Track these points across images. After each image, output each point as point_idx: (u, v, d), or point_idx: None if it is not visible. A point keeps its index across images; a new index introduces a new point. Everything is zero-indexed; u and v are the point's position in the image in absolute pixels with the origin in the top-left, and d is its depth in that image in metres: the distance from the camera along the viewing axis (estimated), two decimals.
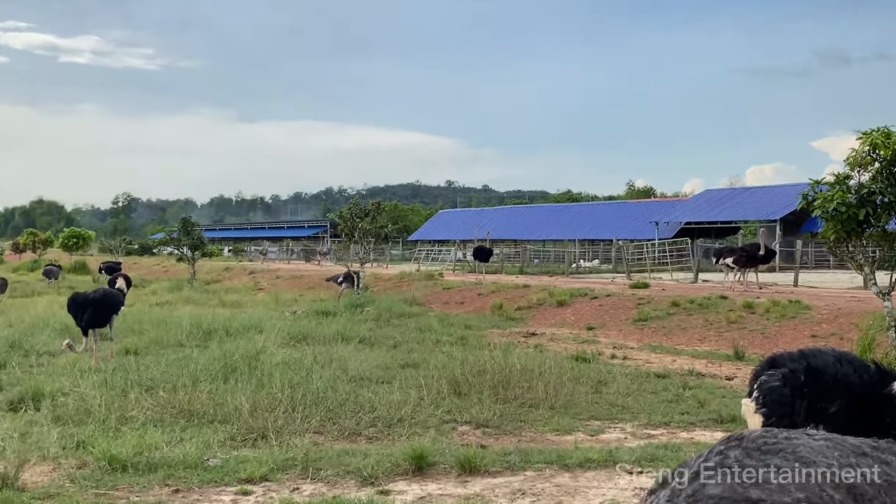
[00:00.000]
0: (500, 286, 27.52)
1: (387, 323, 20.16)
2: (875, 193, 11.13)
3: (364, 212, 26.74)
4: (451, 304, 26.49)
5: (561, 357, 13.20)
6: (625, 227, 60.04)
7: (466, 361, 11.32)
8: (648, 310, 19.76)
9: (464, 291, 28.13)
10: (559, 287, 25.45)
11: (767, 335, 16.28)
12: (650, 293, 22.68)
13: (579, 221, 65.80)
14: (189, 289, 33.70)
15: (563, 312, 21.90)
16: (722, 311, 18.50)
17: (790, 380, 4.72)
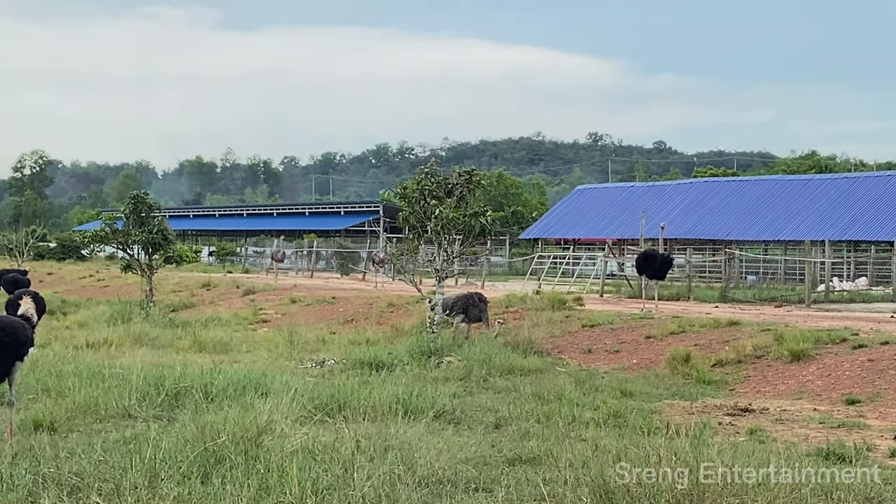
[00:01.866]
0: (684, 323, 27.31)
1: (483, 385, 20.13)
2: None
3: (444, 187, 26.80)
4: (598, 353, 26.39)
5: (798, 453, 12.95)
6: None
7: (625, 456, 11.21)
8: None
9: (619, 331, 28.00)
10: (794, 327, 25.11)
11: None
12: None
13: (832, 209, 64.94)
14: (143, 318, 34.54)
15: (800, 372, 21.60)
16: None
17: None
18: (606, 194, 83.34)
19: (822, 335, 23.32)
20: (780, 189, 72.31)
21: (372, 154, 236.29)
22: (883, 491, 11.52)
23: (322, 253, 77.77)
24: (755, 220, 67.60)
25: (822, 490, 10.99)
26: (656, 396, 19.79)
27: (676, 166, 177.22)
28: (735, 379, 22.08)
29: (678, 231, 68.23)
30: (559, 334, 28.56)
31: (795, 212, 66.18)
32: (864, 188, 67.11)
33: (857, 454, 13.61)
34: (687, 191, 77.66)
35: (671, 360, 23.54)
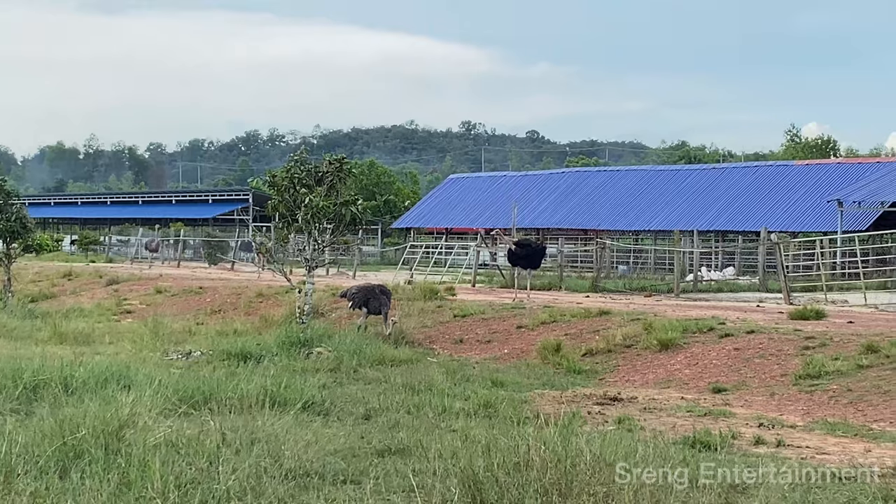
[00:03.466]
0: (556, 313, 27.57)
1: (352, 375, 20.13)
2: None
3: (315, 176, 26.71)
4: (470, 343, 26.52)
5: (665, 441, 13.15)
6: (782, 210, 60.25)
7: (495, 447, 11.27)
8: (822, 359, 19.73)
9: (491, 322, 28.16)
10: (663, 316, 25.47)
11: None
12: (827, 329, 22.67)
13: (700, 199, 65.99)
14: (0, 309, 33.89)
15: (668, 361, 21.91)
16: None
17: None
18: (479, 183, 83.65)
19: (691, 324, 23.69)
20: (650, 179, 73.24)
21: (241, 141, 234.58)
22: (747, 478, 11.76)
23: (190, 242, 76.94)
24: (626, 210, 68.41)
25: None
26: (527, 386, 19.95)
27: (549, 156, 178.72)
28: (605, 368, 22.35)
29: (550, 221, 68.86)
30: (431, 325, 28.64)
31: (665, 202, 67.12)
32: (732, 179, 68.28)
33: (722, 442, 13.88)
34: (559, 181, 78.25)
35: (542, 350, 23.74)
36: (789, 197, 61.75)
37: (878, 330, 22.15)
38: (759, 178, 66.57)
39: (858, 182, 58.40)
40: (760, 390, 19.28)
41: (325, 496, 10.23)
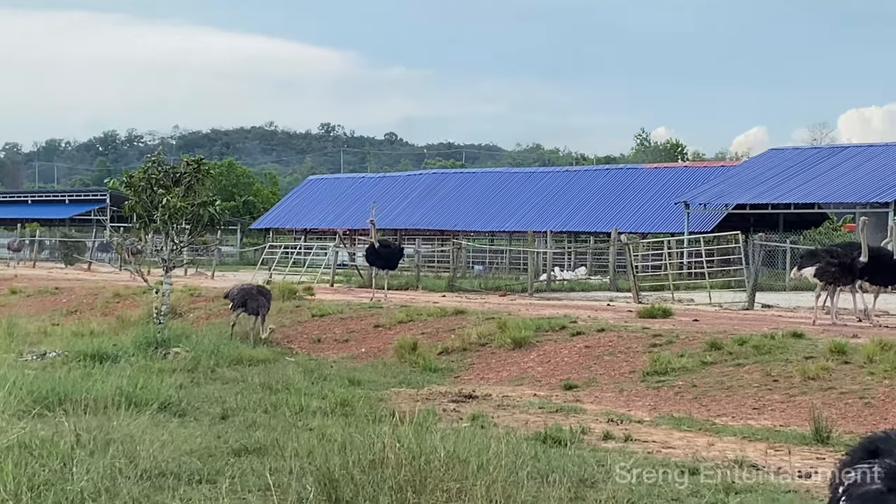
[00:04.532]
0: (412, 312, 27.59)
1: (210, 375, 19.95)
2: None
3: (172, 176, 26.42)
4: (328, 342, 26.43)
5: (518, 438, 13.26)
6: (632, 212, 61.08)
7: (351, 445, 11.26)
8: (669, 356, 20.07)
9: (350, 321, 28.10)
10: (517, 315, 25.63)
11: (871, 401, 16.68)
12: (673, 326, 23.04)
13: (554, 201, 66.58)
14: None
15: (522, 359, 22.06)
16: (794, 358, 18.91)
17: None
18: (338, 184, 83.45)
19: (543, 323, 23.89)
20: (505, 181, 73.71)
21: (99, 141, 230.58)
22: (595, 472, 11.92)
23: (45, 242, 75.43)
24: (482, 211, 68.76)
25: (539, 473, 11.30)
26: (384, 385, 19.96)
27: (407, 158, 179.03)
28: (460, 366, 22.43)
29: (408, 222, 68.93)
30: (289, 324, 28.48)
31: (520, 203, 67.61)
32: (584, 181, 69.07)
33: (572, 437, 14.05)
34: (417, 182, 78.38)
35: (399, 349, 23.74)
36: (639, 199, 62.67)
37: (721, 328, 22.60)
38: (610, 181, 67.45)
39: (704, 185, 59.53)
40: (610, 387, 19.53)
41: (181, 496, 10.12)
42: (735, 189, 56.76)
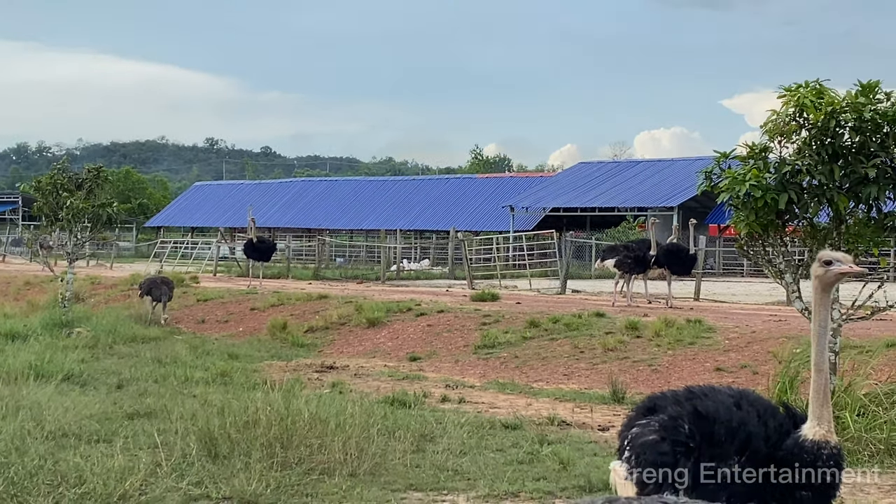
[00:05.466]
0: (283, 297, 27.42)
1: (108, 351, 19.64)
2: (801, 173, 11.86)
3: (75, 182, 25.93)
4: (210, 322, 26.15)
5: (369, 401, 13.28)
6: (467, 214, 61.36)
7: (228, 409, 11.16)
8: (497, 332, 20.27)
9: (229, 305, 27.82)
10: (371, 299, 25.63)
11: (658, 368, 17.10)
12: (500, 308, 23.27)
13: (403, 204, 66.58)
14: None
15: (375, 336, 22.09)
16: (597, 333, 19.26)
17: (670, 431, 4.97)
18: (220, 190, 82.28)
19: (393, 306, 23.95)
20: (363, 188, 73.61)
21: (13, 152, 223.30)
22: (434, 428, 12.01)
23: None
24: (343, 212, 68.46)
25: (387, 429, 11.33)
26: (258, 358, 19.83)
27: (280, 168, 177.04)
28: (323, 342, 22.37)
29: (280, 221, 68.29)
30: (177, 308, 28.01)
31: (375, 206, 67.46)
32: (428, 188, 69.27)
33: (415, 400, 14.13)
34: (288, 188, 77.74)
35: (271, 328, 23.60)
36: (473, 203, 63.03)
37: (539, 309, 22.90)
38: (449, 188, 67.79)
39: (526, 192, 60.12)
40: (448, 358, 19.66)
41: (82, 453, 9.91)
42: (551, 195, 57.55)
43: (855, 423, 11.06)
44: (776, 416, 5.01)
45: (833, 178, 11.74)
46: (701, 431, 4.92)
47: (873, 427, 11.03)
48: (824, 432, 4.85)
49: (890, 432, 10.93)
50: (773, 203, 11.80)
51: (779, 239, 12.58)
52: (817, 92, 11.83)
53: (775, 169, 12.02)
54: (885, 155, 11.76)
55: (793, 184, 11.90)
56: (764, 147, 12.32)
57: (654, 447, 4.98)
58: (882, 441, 10.87)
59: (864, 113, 11.62)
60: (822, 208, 12.23)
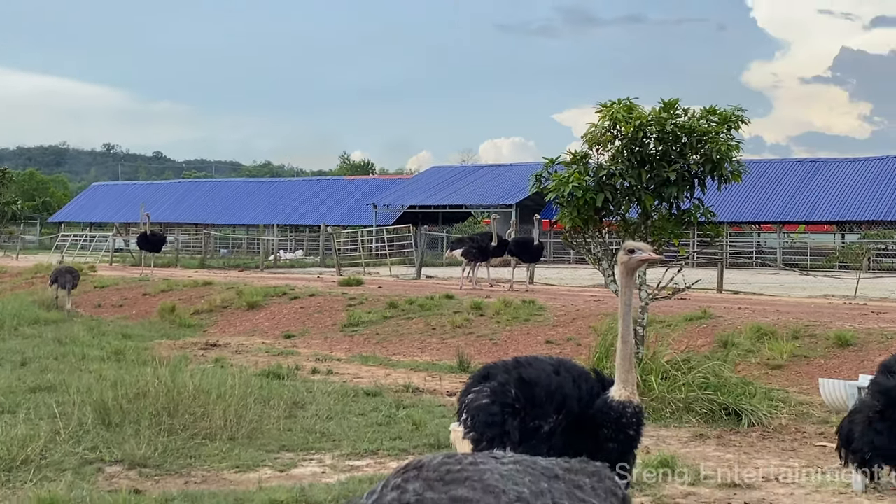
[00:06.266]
0: (172, 284, 26.88)
1: (12, 332, 19.02)
2: (615, 176, 12.18)
3: None
4: (106, 307, 25.49)
5: (248, 374, 13.12)
6: (336, 211, 61.11)
7: (121, 382, 10.91)
8: (361, 313, 20.24)
9: (123, 291, 27.15)
10: (251, 285, 25.32)
11: (497, 341, 17.32)
12: (364, 292, 23.24)
13: (280, 202, 65.94)
14: None
15: (254, 317, 21.83)
16: (447, 313, 19.39)
17: (500, 395, 5.05)
18: (116, 189, 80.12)
19: (270, 290, 23.67)
20: (244, 188, 72.66)
21: None
22: (305, 397, 11.94)
23: None
24: (226, 209, 67.42)
25: (263, 398, 11.20)
26: (149, 338, 19.38)
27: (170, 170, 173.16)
28: (208, 323, 21.99)
29: (170, 217, 66.83)
30: (77, 294, 27.09)
31: (255, 204, 66.62)
32: (302, 188, 68.74)
33: (288, 373, 14.04)
34: (177, 188, 76.22)
35: (161, 311, 23.09)
36: (341, 201, 62.79)
37: (397, 292, 22.95)
38: (320, 188, 67.41)
39: (387, 191, 60.18)
40: (318, 335, 19.55)
41: None
42: (409, 195, 57.76)
43: (659, 386, 11.41)
44: (588, 381, 5.13)
45: (641, 180, 12.10)
46: (525, 395, 5.01)
47: (674, 389, 11.39)
48: (629, 394, 4.99)
49: (687, 392, 11.30)
50: (591, 201, 12.10)
51: (597, 232, 12.88)
52: (628, 108, 12.16)
53: (594, 173, 12.32)
54: (683, 161, 12.18)
55: (608, 185, 12.21)
56: (584, 154, 12.60)
57: (486, 410, 5.04)
58: (681, 400, 11.23)
59: (666, 126, 12.01)
60: (633, 206, 12.58)
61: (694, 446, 9.93)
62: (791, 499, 7.84)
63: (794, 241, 51.80)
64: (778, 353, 14.33)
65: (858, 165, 48.86)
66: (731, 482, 8.24)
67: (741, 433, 10.53)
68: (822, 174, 48.82)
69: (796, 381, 13.34)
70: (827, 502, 7.75)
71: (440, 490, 2.47)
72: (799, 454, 9.59)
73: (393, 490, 2.49)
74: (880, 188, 45.93)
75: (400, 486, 2.50)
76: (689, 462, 8.88)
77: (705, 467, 8.77)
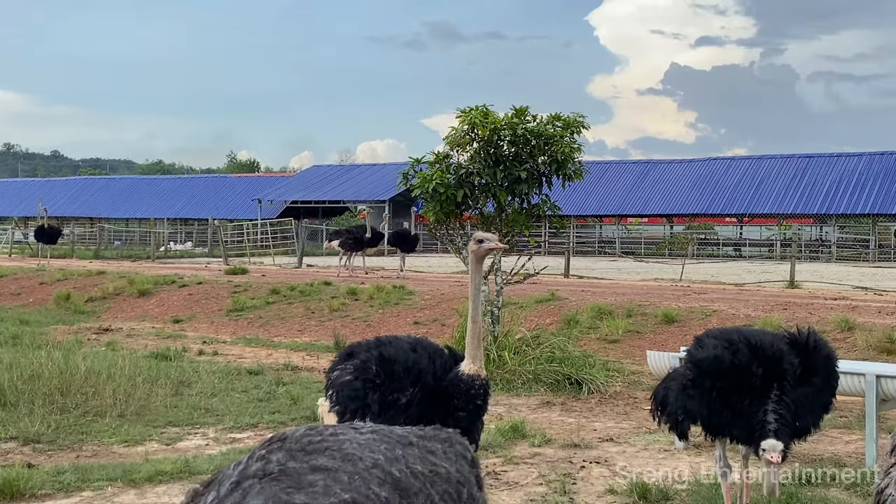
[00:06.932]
0: (68, 273, 25.87)
1: None
2: (473, 174, 12.28)
3: None
4: (4, 295, 24.33)
5: (137, 356, 12.76)
6: (224, 205, 59.87)
7: (16, 365, 10.44)
8: (245, 298, 19.88)
9: (21, 280, 25.98)
10: (142, 274, 24.60)
11: (371, 323, 17.25)
12: (248, 280, 22.86)
13: (170, 198, 64.21)
14: None
15: (145, 304, 21.21)
16: (325, 298, 19.23)
17: (362, 372, 5.02)
18: (15, 186, 76.51)
19: (161, 279, 23.03)
20: (137, 184, 70.32)
21: None
22: (191, 376, 11.65)
23: None
24: (120, 204, 65.08)
25: (151, 378, 10.89)
26: (46, 324, 18.61)
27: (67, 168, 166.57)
28: (101, 310, 21.22)
29: (67, 211, 64.14)
30: None
31: (147, 199, 64.58)
32: (192, 184, 66.81)
33: (176, 354, 13.68)
34: (73, 184, 73.20)
35: (57, 299, 22.21)
36: (229, 197, 61.43)
37: (280, 280, 22.65)
38: (209, 185, 65.80)
39: (272, 188, 59.20)
40: (205, 320, 19.12)
41: None
42: (291, 191, 56.90)
43: (512, 360, 11.56)
44: (442, 357, 5.14)
45: (496, 178, 12.22)
46: (385, 371, 4.99)
47: (525, 362, 11.56)
48: (477, 368, 5.02)
49: (536, 365, 11.48)
50: (452, 197, 12.16)
51: (458, 224, 12.97)
52: (484, 114, 12.27)
53: (454, 171, 12.39)
54: (533, 162, 12.36)
55: (467, 182, 12.29)
56: (446, 155, 12.65)
57: (349, 385, 5.01)
58: (531, 372, 11.41)
59: (517, 130, 12.16)
60: (489, 201, 12.70)
61: (541, 412, 10.10)
62: (623, 456, 8.05)
63: (630, 231, 53.28)
64: (614, 330, 14.72)
65: (684, 166, 50.50)
66: (572, 443, 8.41)
67: (582, 400, 10.77)
68: (654, 174, 50.30)
69: (630, 354, 13.71)
70: (653, 458, 8.00)
71: (302, 460, 2.42)
72: (630, 417, 9.86)
73: (258, 461, 2.43)
74: (703, 186, 47.61)
75: (264, 457, 2.44)
76: (536, 426, 9.03)
77: (551, 430, 8.94)
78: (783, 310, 15.41)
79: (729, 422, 5.49)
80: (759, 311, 15.33)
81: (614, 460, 7.87)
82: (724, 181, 47.39)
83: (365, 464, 2.41)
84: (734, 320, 14.46)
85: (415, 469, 2.50)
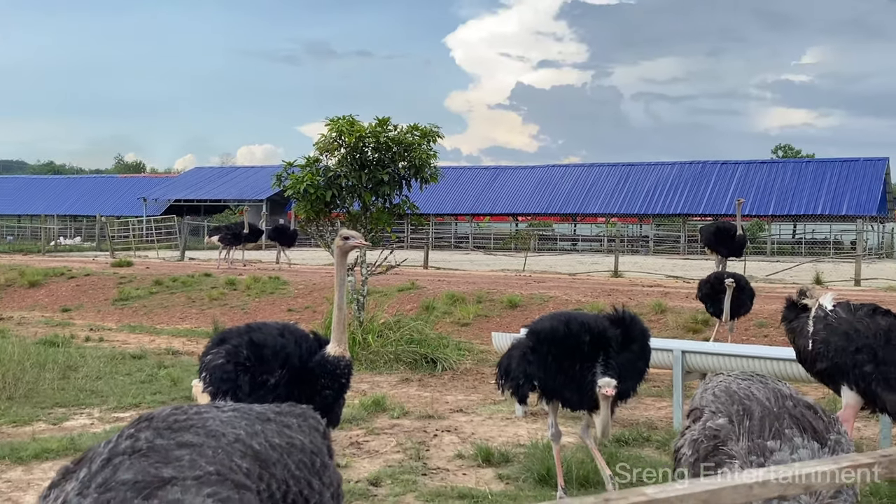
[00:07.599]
0: None
1: None
2: (341, 177, 12.20)
3: None
4: None
5: (27, 342, 12.08)
6: (111, 203, 57.47)
7: None
8: (130, 289, 19.15)
9: None
10: (33, 266, 23.31)
11: (247, 311, 16.91)
12: (133, 272, 22.00)
13: (61, 196, 61.09)
14: None
15: (35, 294, 20.12)
16: (205, 288, 18.72)
17: (233, 355, 4.92)
18: None
19: (50, 271, 21.88)
20: (30, 183, 66.46)
21: None
22: (78, 361, 11.14)
23: None
24: (12, 201, 61.32)
25: (40, 364, 10.34)
26: None
27: None
28: None
29: None
30: None
31: (39, 197, 60.93)
32: (80, 185, 63.59)
33: (64, 341, 13.08)
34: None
35: None
36: (115, 195, 58.78)
37: (163, 272, 21.89)
38: (97, 184, 62.83)
39: (157, 187, 57.11)
40: (92, 309, 18.31)
41: None
42: (175, 190, 55.03)
43: (375, 342, 11.57)
44: (308, 341, 5.09)
45: (361, 181, 12.18)
46: (255, 354, 4.91)
47: (387, 344, 11.59)
48: (342, 351, 5.00)
49: (397, 347, 11.53)
50: (322, 197, 12.06)
51: (327, 221, 12.85)
52: (350, 122, 12.21)
53: (323, 174, 12.27)
54: (394, 166, 12.38)
55: (335, 184, 12.20)
56: (316, 159, 12.52)
57: (221, 368, 4.90)
58: (392, 353, 11.45)
59: (380, 138, 12.15)
60: (355, 201, 12.64)
61: (401, 388, 10.15)
62: (471, 425, 8.19)
63: (481, 228, 54.03)
64: (466, 314, 14.93)
65: (528, 172, 51.64)
66: (427, 414, 8.49)
67: (437, 376, 10.88)
68: (502, 178, 51.21)
69: (479, 335, 13.94)
70: (497, 426, 8.16)
71: (168, 437, 2.36)
72: (478, 390, 10.03)
73: (127, 439, 2.35)
74: (543, 189, 48.80)
75: (133, 436, 2.36)
76: (396, 400, 9.07)
77: (408, 404, 8.99)
78: (608, 295, 15.98)
79: (563, 384, 5.64)
80: (589, 296, 15.85)
81: (463, 429, 7.99)
82: (560, 185, 48.74)
83: (227, 439, 2.38)
84: (567, 305, 14.90)
85: (273, 442, 2.48)
